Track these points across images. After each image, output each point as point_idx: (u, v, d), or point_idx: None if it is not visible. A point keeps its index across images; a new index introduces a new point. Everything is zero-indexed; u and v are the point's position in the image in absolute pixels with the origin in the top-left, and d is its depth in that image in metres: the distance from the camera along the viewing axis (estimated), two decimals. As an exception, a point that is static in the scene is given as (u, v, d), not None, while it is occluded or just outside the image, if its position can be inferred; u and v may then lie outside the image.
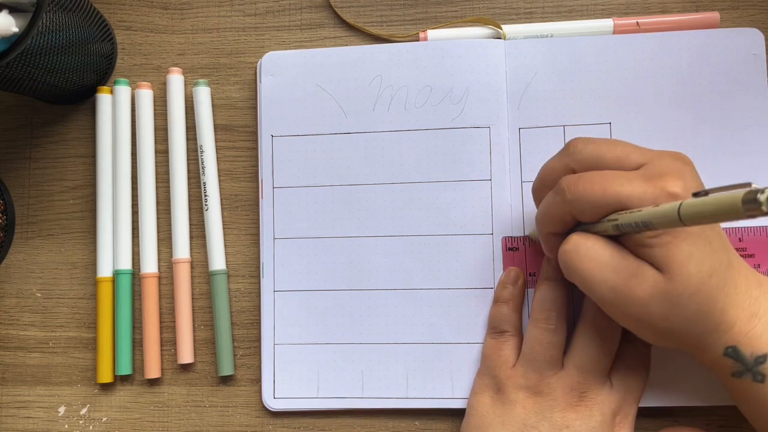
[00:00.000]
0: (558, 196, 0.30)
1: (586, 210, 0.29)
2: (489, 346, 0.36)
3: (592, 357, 0.32)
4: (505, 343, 0.35)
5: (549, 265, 0.35)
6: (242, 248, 0.40)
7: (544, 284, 0.35)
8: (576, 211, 0.29)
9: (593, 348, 0.32)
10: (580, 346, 0.33)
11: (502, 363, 0.35)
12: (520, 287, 0.36)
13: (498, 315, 0.36)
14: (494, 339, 0.35)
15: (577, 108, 0.38)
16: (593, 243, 0.29)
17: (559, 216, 0.30)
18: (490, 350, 0.35)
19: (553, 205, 0.30)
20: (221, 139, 0.41)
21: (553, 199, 0.30)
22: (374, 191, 0.38)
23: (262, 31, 0.42)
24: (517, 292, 0.36)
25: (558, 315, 0.34)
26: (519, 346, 0.35)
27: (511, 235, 0.37)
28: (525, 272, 0.37)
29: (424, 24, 0.41)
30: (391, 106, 0.39)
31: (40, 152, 0.42)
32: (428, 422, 0.38)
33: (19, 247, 0.41)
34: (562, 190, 0.29)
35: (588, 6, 0.40)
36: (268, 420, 0.39)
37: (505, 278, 0.36)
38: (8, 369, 0.40)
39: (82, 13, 0.36)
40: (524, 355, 0.34)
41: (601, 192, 0.28)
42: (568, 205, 0.29)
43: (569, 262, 0.30)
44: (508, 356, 0.35)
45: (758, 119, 0.37)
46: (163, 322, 0.40)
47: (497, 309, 0.36)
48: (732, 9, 0.39)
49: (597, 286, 0.29)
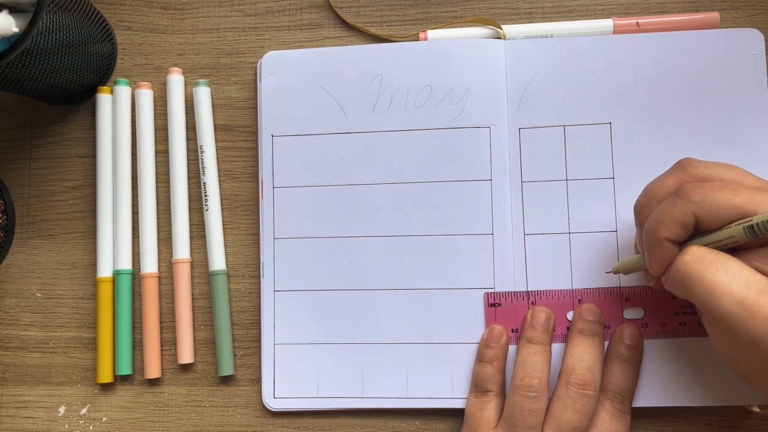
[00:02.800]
0: (680, 198, 0.29)
1: (712, 211, 0.28)
2: (472, 404, 0.36)
3: (570, 420, 0.33)
4: (488, 403, 0.35)
5: (532, 329, 0.35)
6: (242, 248, 0.40)
7: (527, 347, 0.35)
8: (702, 211, 0.28)
9: (570, 412, 0.33)
10: (559, 410, 0.33)
11: (484, 423, 0.35)
12: (503, 346, 0.36)
13: (482, 374, 0.36)
14: (477, 398, 0.36)
15: (577, 108, 0.38)
16: (718, 254, 0.28)
17: (680, 218, 0.29)
18: (473, 409, 0.35)
19: (674, 207, 0.29)
20: (221, 139, 0.41)
21: (674, 201, 0.29)
22: (374, 191, 0.38)
23: (262, 31, 0.42)
24: (500, 351, 0.36)
25: (539, 382, 0.34)
26: (502, 405, 0.35)
27: (493, 290, 0.37)
28: (507, 328, 0.36)
29: (424, 24, 0.41)
30: (392, 105, 0.39)
31: (40, 152, 0.42)
32: (428, 422, 0.38)
33: (19, 247, 0.41)
34: (685, 193, 0.28)
35: (588, 6, 0.40)
36: (268, 420, 0.39)
37: (488, 337, 0.36)
38: (8, 369, 0.40)
39: (82, 13, 0.36)
40: (505, 419, 0.34)
41: (731, 194, 0.27)
42: (694, 205, 0.28)
43: (691, 272, 0.28)
44: (491, 417, 0.35)
45: (758, 119, 0.37)
46: (163, 322, 0.40)
47: (481, 368, 0.36)
48: (732, 9, 0.39)
49: (722, 299, 0.27)
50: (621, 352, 0.35)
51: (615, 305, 0.36)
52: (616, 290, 0.36)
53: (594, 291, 0.36)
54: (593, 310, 0.36)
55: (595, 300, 0.36)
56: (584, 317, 0.35)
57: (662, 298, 0.36)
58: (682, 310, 0.36)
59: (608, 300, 0.36)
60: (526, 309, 0.36)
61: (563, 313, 0.36)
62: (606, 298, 0.36)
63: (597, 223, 0.37)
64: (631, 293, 0.36)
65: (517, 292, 0.37)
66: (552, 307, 0.36)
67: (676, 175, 0.30)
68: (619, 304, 0.36)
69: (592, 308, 0.36)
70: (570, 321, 0.36)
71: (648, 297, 0.36)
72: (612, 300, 0.36)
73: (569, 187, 0.37)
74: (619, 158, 0.37)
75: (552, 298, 0.37)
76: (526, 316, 0.36)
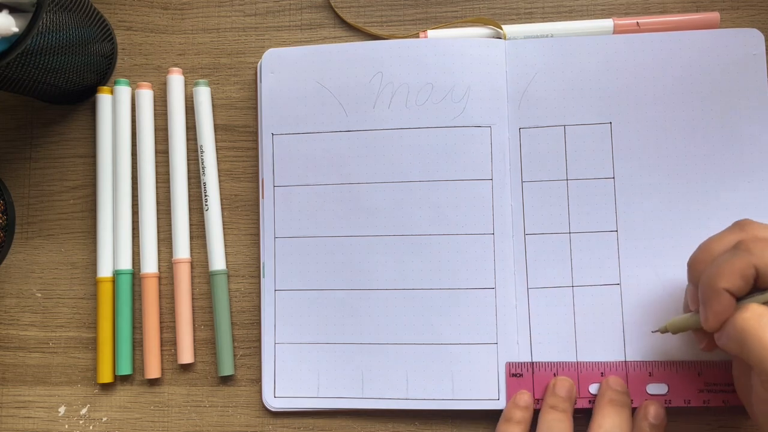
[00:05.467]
0: (742, 250, 0.29)
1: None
2: None
3: None
4: None
5: (556, 396, 0.35)
6: (242, 248, 0.40)
7: (550, 413, 0.35)
8: (763, 265, 0.28)
9: None
10: None
11: None
12: (532, 411, 0.36)
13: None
14: None
15: (577, 108, 0.38)
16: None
17: (742, 269, 0.28)
18: None
19: (735, 258, 0.29)
20: (221, 139, 0.41)
21: (735, 252, 0.29)
22: (375, 190, 0.38)
23: (262, 31, 0.42)
24: (529, 416, 0.36)
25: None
26: None
27: (517, 361, 0.37)
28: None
29: (425, 24, 0.41)
30: (392, 103, 0.39)
31: (40, 152, 0.42)
32: (428, 423, 0.38)
33: (19, 247, 0.41)
34: (747, 246, 0.29)
35: (588, 6, 0.40)
36: (268, 420, 0.39)
37: (518, 399, 0.36)
38: (8, 369, 0.40)
39: (82, 13, 0.36)
40: None
41: None
42: (757, 258, 0.28)
43: (749, 329, 0.28)
44: None
45: (758, 119, 0.37)
46: (163, 322, 0.40)
47: (506, 427, 0.35)
48: (732, 9, 0.39)
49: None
50: (645, 429, 0.34)
51: (639, 379, 0.36)
52: (640, 364, 0.36)
53: (616, 364, 0.36)
54: (621, 382, 0.35)
55: (618, 373, 0.36)
56: (614, 387, 0.35)
57: (687, 374, 0.35)
58: (706, 387, 0.35)
59: (631, 374, 0.36)
60: (548, 380, 0.36)
61: (585, 385, 0.36)
62: (629, 372, 0.36)
63: (597, 222, 0.37)
64: (655, 368, 0.36)
65: (540, 362, 0.36)
66: (574, 379, 0.36)
67: (734, 233, 0.30)
68: (643, 379, 0.36)
69: (620, 381, 0.35)
70: (592, 394, 0.36)
71: (672, 372, 0.36)
72: (636, 374, 0.36)
73: (569, 187, 0.37)
74: (619, 158, 0.37)
75: (572, 369, 0.36)
76: (549, 384, 0.36)
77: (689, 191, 0.37)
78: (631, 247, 0.37)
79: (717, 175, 0.37)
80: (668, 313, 0.36)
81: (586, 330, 0.37)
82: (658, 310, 0.36)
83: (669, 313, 0.36)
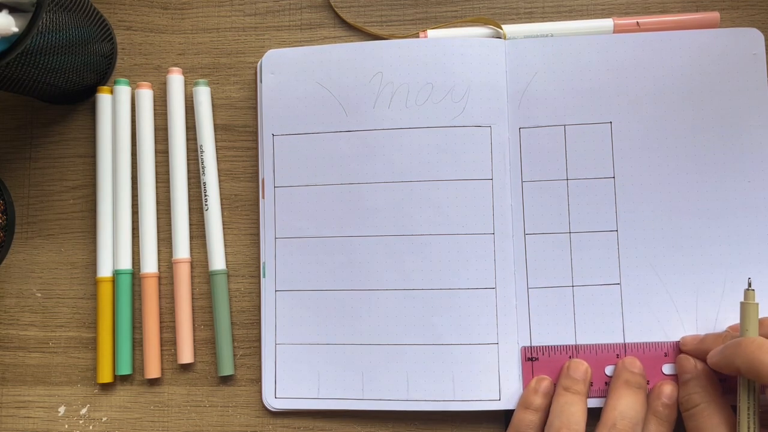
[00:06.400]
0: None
1: None
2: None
3: None
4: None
5: (570, 378, 0.35)
6: (242, 248, 0.40)
7: (564, 395, 0.34)
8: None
9: None
10: None
11: None
12: (550, 397, 0.35)
13: (525, 421, 0.35)
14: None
15: (577, 108, 0.38)
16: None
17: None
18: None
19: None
20: (221, 139, 0.41)
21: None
22: (375, 190, 0.38)
23: (262, 31, 0.42)
24: (547, 403, 0.35)
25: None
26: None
27: (530, 345, 0.37)
28: None
29: (424, 24, 0.41)
30: (392, 103, 0.39)
31: (40, 152, 0.42)
32: (429, 423, 0.38)
33: (19, 247, 0.41)
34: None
35: (588, 6, 0.40)
36: (268, 420, 0.39)
37: (536, 385, 0.36)
38: (8, 369, 0.40)
39: (82, 13, 0.36)
40: None
41: None
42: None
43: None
44: None
45: (758, 119, 0.37)
46: (163, 322, 0.40)
47: (524, 415, 0.35)
48: (732, 9, 0.39)
49: None
50: (658, 409, 0.34)
51: (655, 360, 0.36)
52: (655, 345, 0.36)
53: (634, 345, 0.36)
54: (637, 363, 0.35)
55: (635, 354, 0.36)
56: (629, 368, 0.35)
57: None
58: None
59: (648, 354, 0.36)
60: (562, 362, 0.36)
61: (601, 368, 0.36)
62: (645, 352, 0.36)
63: (597, 222, 0.37)
64: (671, 348, 0.36)
65: (555, 346, 0.36)
66: (590, 361, 0.36)
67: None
68: (659, 359, 0.36)
69: (636, 361, 0.35)
70: (608, 376, 0.36)
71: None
72: (652, 354, 0.36)
73: (569, 186, 0.37)
74: (619, 158, 0.37)
75: (590, 352, 0.36)
76: (564, 366, 0.36)
77: (689, 191, 0.37)
78: (631, 247, 0.37)
79: (717, 175, 0.37)
80: (668, 312, 0.36)
81: (586, 330, 0.36)
82: (658, 310, 0.36)
83: (669, 312, 0.36)
